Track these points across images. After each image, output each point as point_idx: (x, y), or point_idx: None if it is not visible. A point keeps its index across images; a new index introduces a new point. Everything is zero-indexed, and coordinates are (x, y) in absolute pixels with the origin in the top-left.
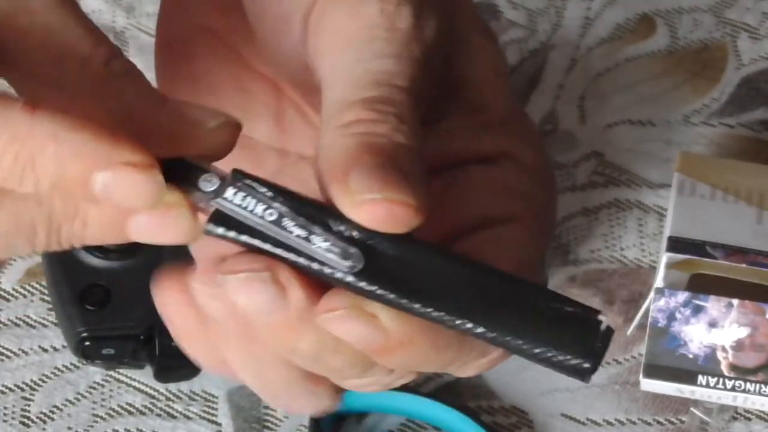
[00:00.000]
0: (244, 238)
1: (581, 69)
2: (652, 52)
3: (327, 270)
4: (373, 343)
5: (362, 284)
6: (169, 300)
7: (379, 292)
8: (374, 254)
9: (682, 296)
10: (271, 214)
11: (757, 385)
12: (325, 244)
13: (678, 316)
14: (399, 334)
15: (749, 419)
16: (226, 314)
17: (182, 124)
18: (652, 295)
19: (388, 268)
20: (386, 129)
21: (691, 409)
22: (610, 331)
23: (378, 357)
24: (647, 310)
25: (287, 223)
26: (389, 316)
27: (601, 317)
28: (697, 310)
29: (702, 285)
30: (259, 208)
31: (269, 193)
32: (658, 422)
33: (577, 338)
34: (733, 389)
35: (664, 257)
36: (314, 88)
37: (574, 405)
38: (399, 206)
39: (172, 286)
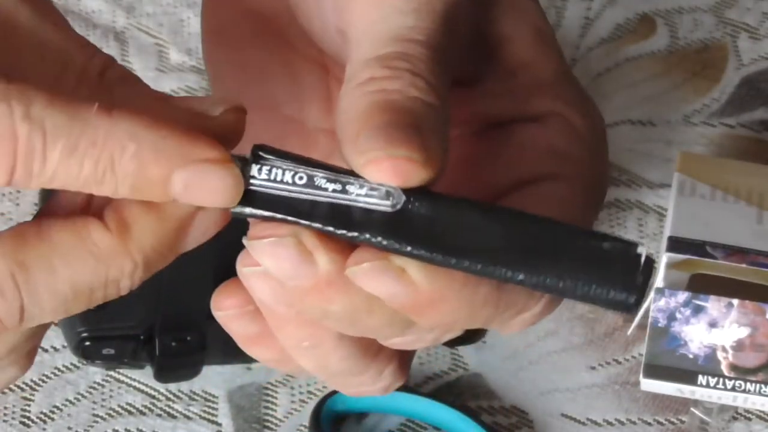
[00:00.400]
0: (277, 214)
1: (581, 69)
2: (652, 52)
3: (360, 235)
4: (402, 298)
5: (395, 243)
6: (225, 307)
7: (412, 249)
8: (405, 212)
9: (682, 296)
10: (301, 178)
11: (757, 385)
12: (362, 190)
13: (678, 316)
14: (429, 290)
15: (749, 419)
16: (273, 295)
17: (190, 118)
18: (652, 295)
19: (419, 225)
20: (399, 85)
21: (691, 409)
22: (650, 261)
23: (412, 314)
24: (647, 310)
25: (320, 181)
26: (418, 270)
27: (639, 250)
28: (697, 310)
29: (702, 285)
30: (288, 176)
31: (293, 161)
32: (658, 422)
33: (618, 273)
34: (733, 389)
35: (664, 257)
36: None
37: (574, 405)
38: (403, 162)
39: (226, 295)
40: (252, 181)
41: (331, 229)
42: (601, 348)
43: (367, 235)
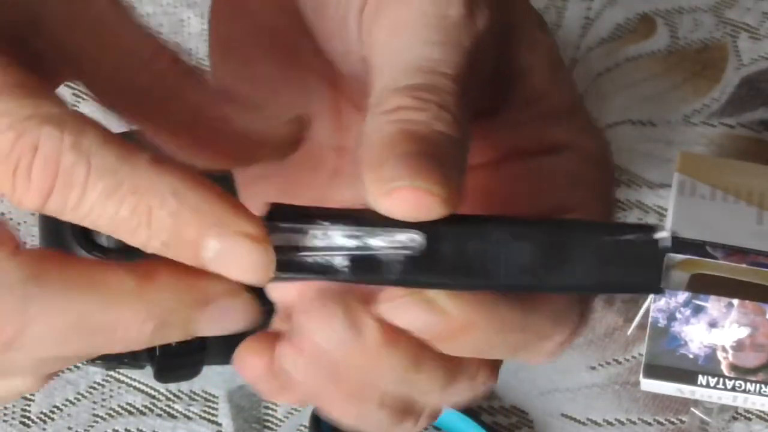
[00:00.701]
0: (305, 276)
1: (581, 69)
2: (652, 52)
3: (387, 279)
4: (435, 327)
5: (423, 280)
6: (250, 369)
7: (440, 282)
8: (428, 250)
9: (683, 296)
10: (321, 240)
11: (758, 385)
12: (383, 243)
13: (678, 316)
14: (459, 317)
15: (749, 419)
16: (314, 374)
17: (254, 121)
18: (652, 294)
19: (443, 258)
20: (426, 117)
21: (692, 409)
22: (667, 242)
23: (443, 344)
24: (647, 310)
25: (340, 240)
26: (447, 299)
27: (658, 235)
28: (698, 310)
29: (702, 285)
30: (308, 240)
31: (310, 218)
32: (658, 422)
33: (643, 261)
34: (733, 389)
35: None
36: (370, 87)
37: (574, 405)
38: (424, 194)
39: (250, 356)
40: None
41: (359, 279)
42: (601, 348)
43: (395, 278)
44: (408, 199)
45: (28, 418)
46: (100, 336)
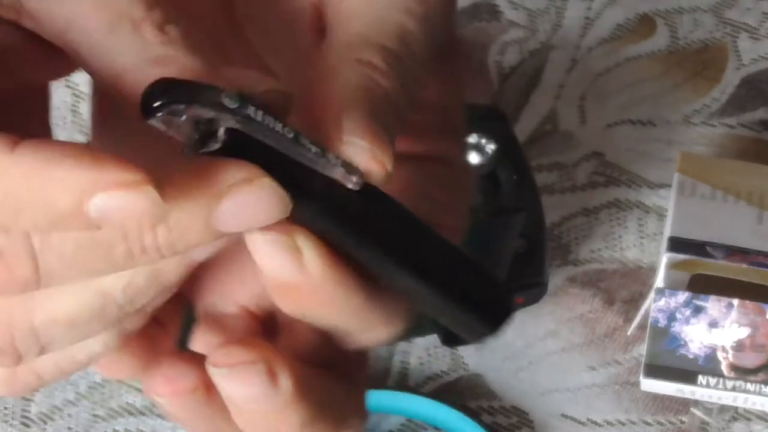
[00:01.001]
0: (262, 149)
1: (581, 69)
2: (652, 52)
3: (311, 199)
4: (288, 277)
5: (340, 221)
6: (163, 394)
7: (351, 232)
8: (361, 194)
9: (683, 296)
10: (289, 132)
11: (758, 385)
12: (337, 161)
13: (678, 316)
14: (315, 276)
15: (749, 419)
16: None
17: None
18: (652, 295)
19: (368, 212)
20: (390, 86)
21: (692, 409)
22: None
23: (282, 296)
24: (647, 310)
25: (303, 140)
26: (313, 254)
27: (511, 300)
28: (698, 310)
29: (702, 285)
30: (279, 126)
31: (279, 116)
32: (658, 422)
33: (489, 314)
34: (733, 389)
35: (665, 257)
36: (275, 49)
37: (574, 405)
38: (377, 164)
39: (165, 380)
40: (247, 121)
41: (292, 189)
42: (601, 348)
43: (316, 202)
44: (362, 161)
45: (28, 418)
46: (115, 249)
